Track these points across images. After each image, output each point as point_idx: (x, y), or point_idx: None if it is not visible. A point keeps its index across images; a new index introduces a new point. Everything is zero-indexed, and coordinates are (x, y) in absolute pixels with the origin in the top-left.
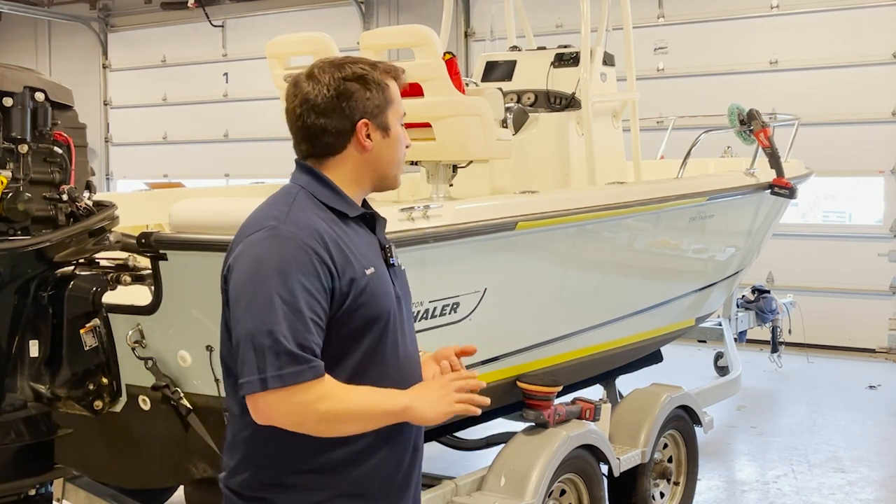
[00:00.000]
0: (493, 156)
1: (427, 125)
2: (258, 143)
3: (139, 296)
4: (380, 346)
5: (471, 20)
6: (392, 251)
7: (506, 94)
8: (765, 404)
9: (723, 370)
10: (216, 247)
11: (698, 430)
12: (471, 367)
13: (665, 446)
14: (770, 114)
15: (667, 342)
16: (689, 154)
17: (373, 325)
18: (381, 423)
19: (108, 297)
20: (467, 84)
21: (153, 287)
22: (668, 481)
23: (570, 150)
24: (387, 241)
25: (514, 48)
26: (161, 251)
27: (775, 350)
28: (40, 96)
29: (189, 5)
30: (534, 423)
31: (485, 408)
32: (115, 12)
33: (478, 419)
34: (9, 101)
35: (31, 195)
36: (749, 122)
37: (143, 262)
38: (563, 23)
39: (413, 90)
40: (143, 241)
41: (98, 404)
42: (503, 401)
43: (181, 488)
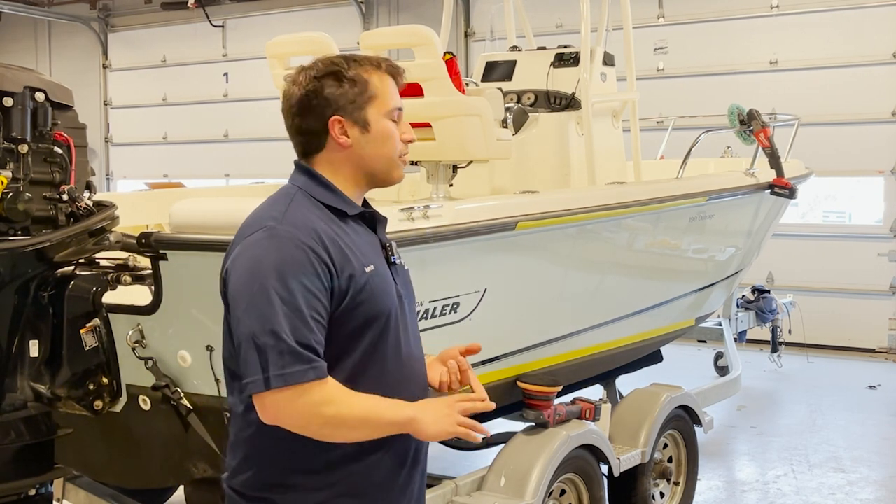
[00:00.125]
0: (493, 156)
1: (427, 125)
2: (258, 143)
3: (139, 296)
4: (380, 345)
5: (471, 20)
6: (393, 250)
7: (506, 94)
8: (765, 404)
9: (723, 370)
10: (216, 247)
11: (698, 430)
12: (471, 366)
13: (665, 446)
14: (770, 114)
15: (667, 342)
16: (689, 154)
17: (373, 323)
18: (384, 433)
19: (108, 297)
20: (467, 84)
21: (153, 287)
22: (668, 481)
23: (570, 150)
24: (388, 240)
25: (514, 48)
26: (161, 251)
27: (775, 350)
28: (40, 96)
29: (189, 5)
30: (534, 423)
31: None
32: (115, 12)
33: (478, 419)
34: (9, 101)
35: (32, 195)
36: (749, 122)
37: (143, 262)
38: (563, 23)
39: (413, 90)
40: (143, 241)
41: (98, 404)
42: (503, 401)
43: (181, 488)
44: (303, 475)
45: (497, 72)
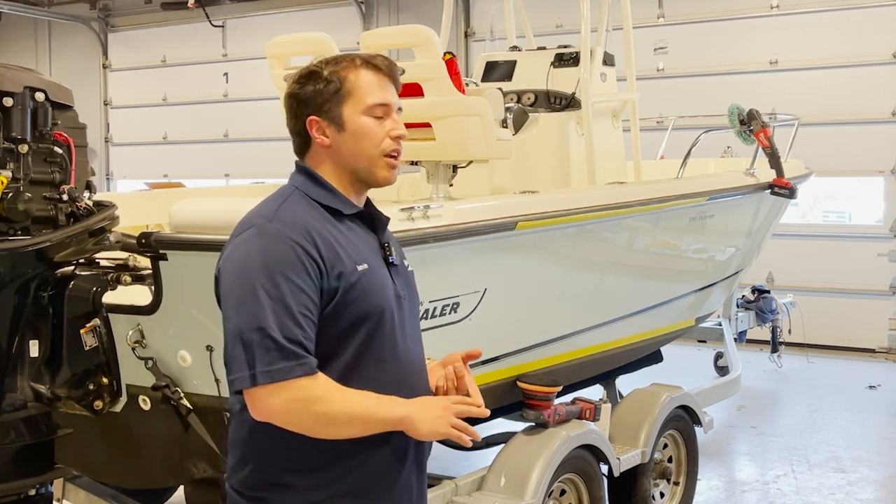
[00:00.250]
0: (493, 156)
1: (427, 125)
2: (258, 143)
3: (139, 296)
4: (373, 344)
5: (471, 20)
6: (391, 250)
7: (506, 94)
8: (765, 404)
9: (723, 370)
10: (216, 247)
11: (698, 430)
12: (471, 366)
13: (665, 446)
14: (770, 114)
15: (667, 342)
16: (689, 154)
17: (364, 321)
18: (377, 430)
19: (108, 297)
20: (467, 84)
21: (153, 287)
22: (668, 481)
23: (570, 150)
24: (388, 240)
25: (514, 48)
26: (161, 251)
27: (775, 350)
28: (40, 96)
29: (189, 5)
30: (534, 423)
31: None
32: (115, 12)
33: (478, 419)
34: (9, 101)
35: (32, 195)
36: (749, 122)
37: (143, 262)
38: (563, 23)
39: (413, 90)
40: (143, 241)
41: (98, 404)
42: (503, 401)
43: (181, 488)
44: (299, 474)
45: (497, 72)
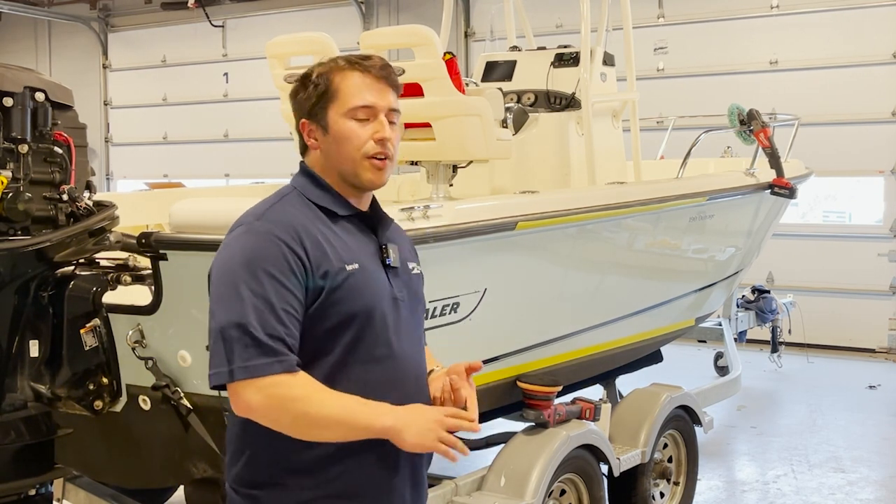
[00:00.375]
0: (493, 156)
1: (427, 125)
2: (258, 143)
3: (139, 296)
4: (362, 345)
5: (471, 20)
6: (390, 252)
7: (506, 94)
8: (765, 404)
9: (723, 370)
10: (216, 247)
11: (698, 430)
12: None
13: (665, 446)
14: (770, 114)
15: (667, 342)
16: (689, 154)
17: (352, 321)
18: (360, 437)
19: (108, 297)
20: (467, 84)
21: (153, 287)
22: (668, 481)
23: (570, 150)
24: (388, 242)
25: (514, 48)
26: (161, 251)
27: (775, 350)
28: (40, 96)
29: (189, 5)
30: (534, 423)
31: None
32: (115, 12)
33: (478, 419)
34: (9, 101)
35: (32, 195)
36: (749, 122)
37: (143, 262)
38: (563, 23)
39: (413, 90)
40: (143, 241)
41: (98, 404)
42: (503, 401)
43: (181, 488)
44: (290, 473)
45: (497, 72)
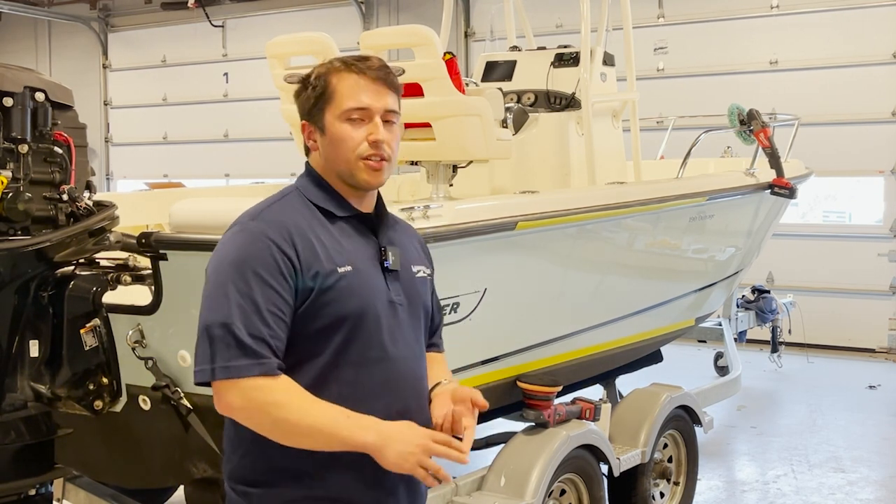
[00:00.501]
0: (493, 156)
1: (427, 125)
2: (258, 143)
3: (139, 296)
4: (353, 347)
5: (471, 20)
6: (388, 254)
7: (506, 94)
8: (765, 404)
9: (723, 370)
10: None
11: (698, 430)
12: (471, 366)
13: (665, 446)
14: (770, 114)
15: (667, 342)
16: (689, 154)
17: (343, 323)
18: (340, 448)
19: (108, 297)
20: (467, 84)
21: (153, 287)
22: (668, 481)
23: (570, 150)
24: (388, 244)
25: (514, 48)
26: (161, 251)
27: (775, 350)
28: (40, 96)
29: (189, 5)
30: (534, 423)
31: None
32: (115, 12)
33: (478, 419)
34: (9, 101)
35: (32, 195)
36: (749, 122)
37: (143, 262)
38: (563, 23)
39: (413, 90)
40: (143, 241)
41: (98, 404)
42: (503, 401)
43: (181, 488)
44: (279, 473)
45: (497, 72)
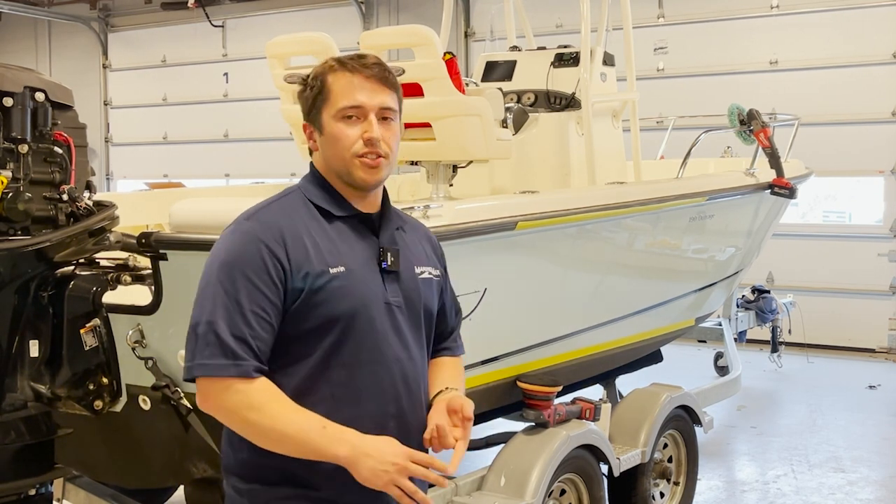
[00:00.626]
0: (493, 156)
1: (427, 125)
2: (258, 143)
3: (139, 296)
4: (344, 348)
5: (471, 20)
6: (388, 255)
7: (506, 94)
8: (765, 404)
9: (723, 370)
10: None
11: (698, 430)
12: (471, 366)
13: (665, 446)
14: (770, 114)
15: (667, 342)
16: (689, 154)
17: (334, 324)
18: (314, 458)
19: (108, 297)
20: (467, 84)
21: (153, 287)
22: (668, 481)
23: (570, 150)
24: (391, 245)
25: (514, 48)
26: (161, 251)
27: (775, 350)
28: (40, 96)
29: (189, 5)
30: (534, 423)
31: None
32: (115, 12)
33: (478, 419)
34: (9, 101)
35: (32, 195)
36: (749, 122)
37: (143, 262)
38: (563, 23)
39: (413, 90)
40: (143, 241)
41: (98, 404)
42: (503, 401)
43: (181, 488)
44: (267, 470)
45: (497, 72)
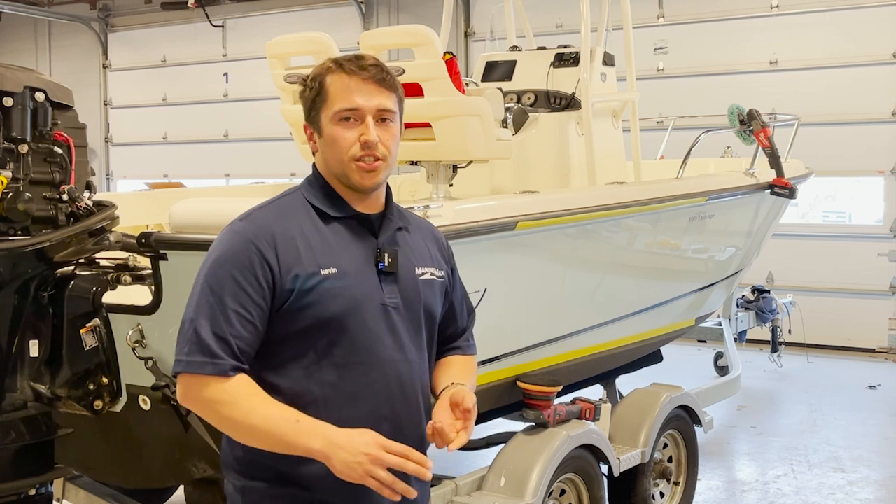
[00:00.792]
0: (493, 156)
1: (427, 125)
2: (258, 143)
3: (139, 296)
4: (336, 349)
5: (471, 20)
6: (385, 256)
7: (506, 94)
8: (765, 404)
9: (723, 370)
10: None
11: (698, 429)
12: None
13: (665, 446)
14: (770, 114)
15: (667, 342)
16: (689, 154)
17: (325, 326)
18: (289, 452)
19: (108, 297)
20: (467, 84)
21: (153, 287)
22: (668, 481)
23: (570, 150)
24: (389, 246)
25: (514, 48)
26: (161, 251)
27: (775, 350)
28: (40, 96)
29: (189, 5)
30: (534, 423)
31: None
32: (115, 12)
33: (478, 419)
34: (9, 101)
35: (32, 195)
36: (749, 122)
37: (143, 262)
38: (563, 23)
39: (413, 90)
40: (143, 241)
41: (98, 404)
42: (503, 401)
43: (181, 488)
44: (261, 468)
45: (497, 72)
